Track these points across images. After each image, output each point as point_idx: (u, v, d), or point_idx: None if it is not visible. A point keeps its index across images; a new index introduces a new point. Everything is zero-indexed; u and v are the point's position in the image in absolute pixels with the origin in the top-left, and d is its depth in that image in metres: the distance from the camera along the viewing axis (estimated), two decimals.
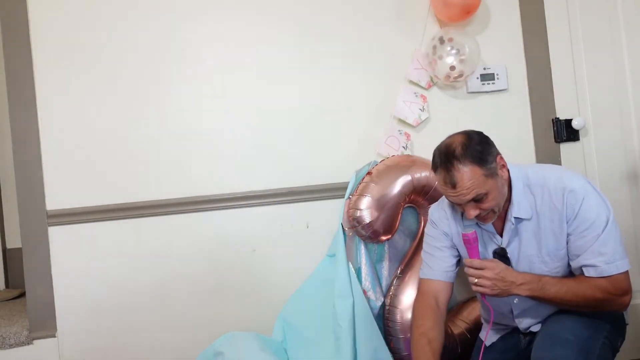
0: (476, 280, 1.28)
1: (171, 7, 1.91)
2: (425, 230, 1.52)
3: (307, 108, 1.97)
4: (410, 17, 2.01)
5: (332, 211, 1.92)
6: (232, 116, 1.94)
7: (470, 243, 1.29)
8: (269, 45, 1.95)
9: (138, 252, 1.88)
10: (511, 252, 1.36)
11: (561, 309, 1.34)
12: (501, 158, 1.31)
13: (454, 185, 1.25)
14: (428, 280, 1.44)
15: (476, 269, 1.28)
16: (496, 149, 1.31)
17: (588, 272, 1.26)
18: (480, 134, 1.32)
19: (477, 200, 1.26)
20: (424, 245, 1.50)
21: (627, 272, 1.27)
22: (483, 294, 1.30)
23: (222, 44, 1.94)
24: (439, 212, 1.47)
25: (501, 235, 1.37)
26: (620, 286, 1.25)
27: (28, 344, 1.81)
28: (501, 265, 1.29)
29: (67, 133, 1.86)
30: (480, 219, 1.31)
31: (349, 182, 1.87)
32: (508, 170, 1.33)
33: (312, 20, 1.97)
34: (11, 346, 1.80)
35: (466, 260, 1.31)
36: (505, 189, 1.31)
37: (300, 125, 1.96)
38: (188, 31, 1.92)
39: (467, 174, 1.24)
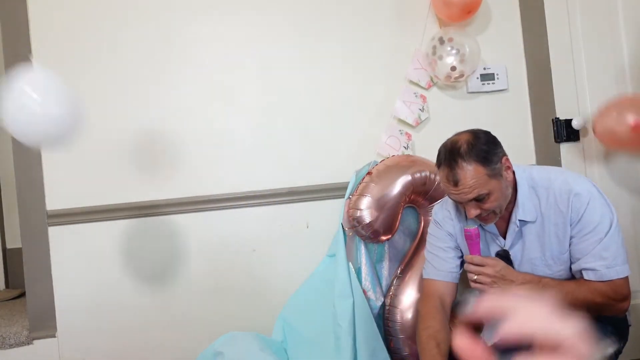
0: (475, 277, 1.28)
1: (171, 7, 1.91)
2: (429, 230, 1.51)
3: (307, 108, 1.97)
4: (410, 17, 2.01)
5: (332, 211, 1.92)
6: (232, 116, 1.94)
7: (472, 239, 1.29)
8: (269, 45, 1.95)
9: (138, 252, 1.88)
10: (514, 255, 1.35)
11: None
12: (507, 159, 1.30)
13: (456, 183, 1.24)
14: (433, 281, 1.43)
15: (476, 265, 1.28)
16: (502, 149, 1.30)
17: (588, 275, 1.26)
18: (487, 133, 1.31)
19: (479, 200, 1.25)
20: (428, 245, 1.49)
21: (627, 278, 1.26)
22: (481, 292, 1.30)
23: (222, 44, 1.94)
24: (443, 212, 1.46)
25: (504, 237, 1.36)
26: (620, 291, 1.25)
27: (28, 344, 1.81)
28: (502, 263, 1.29)
29: None
30: (481, 219, 1.31)
31: (349, 182, 1.87)
32: (514, 173, 1.33)
33: (312, 21, 1.97)
34: (11, 346, 1.80)
35: (467, 256, 1.31)
36: (509, 190, 1.30)
37: (301, 125, 1.96)
38: (188, 31, 1.92)
39: (470, 172, 1.23)
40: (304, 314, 1.80)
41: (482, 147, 1.25)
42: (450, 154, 1.26)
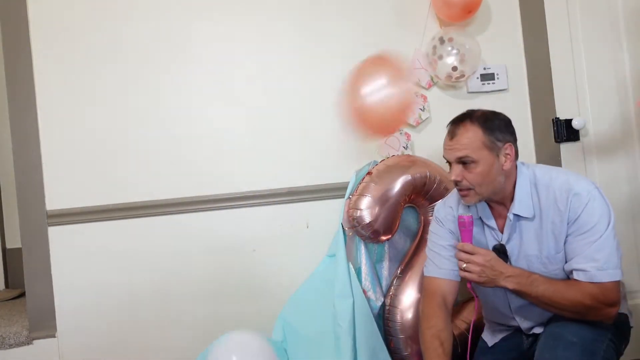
0: (464, 265, 1.28)
1: (172, 7, 1.91)
2: (430, 228, 1.51)
3: (307, 108, 1.96)
4: (410, 17, 2.01)
5: (332, 211, 1.91)
6: (232, 116, 1.94)
7: (465, 226, 1.30)
8: (269, 45, 1.95)
9: (138, 252, 1.88)
10: (511, 250, 1.35)
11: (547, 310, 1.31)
12: (512, 148, 1.31)
13: (452, 137, 1.31)
14: (435, 279, 1.43)
15: (467, 253, 1.28)
16: (513, 139, 1.33)
17: (578, 275, 1.25)
18: (508, 119, 1.35)
19: (465, 163, 1.29)
20: (429, 243, 1.49)
21: (617, 283, 1.25)
22: (470, 281, 1.30)
23: (222, 44, 1.94)
24: (445, 210, 1.46)
25: (502, 232, 1.37)
26: (609, 295, 1.23)
27: (28, 344, 1.82)
28: (492, 254, 1.29)
29: (67, 133, 1.86)
30: (461, 192, 1.33)
31: (349, 182, 1.87)
32: (516, 168, 1.34)
33: (312, 21, 1.97)
34: (11, 346, 1.80)
35: (458, 244, 1.31)
36: (501, 179, 1.31)
37: (301, 125, 1.96)
38: (188, 32, 1.92)
39: (469, 132, 1.29)
40: (304, 314, 1.80)
41: (494, 120, 1.31)
42: (462, 115, 1.34)
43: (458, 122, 1.33)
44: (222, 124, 1.93)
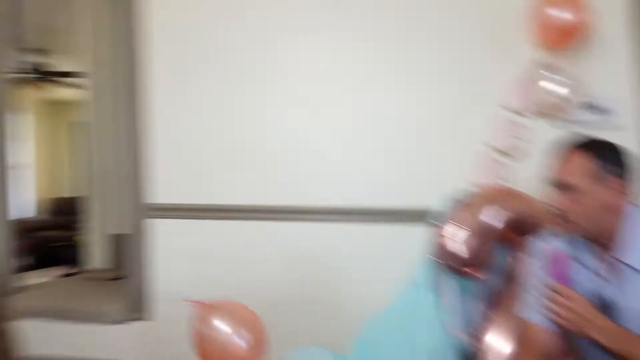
0: (554, 306, 1.18)
1: (270, 20, 2.03)
2: (528, 266, 1.41)
3: (401, 129, 1.96)
4: (507, 41, 1.90)
5: (420, 237, 1.83)
6: (328, 135, 1.99)
7: (558, 262, 1.22)
8: (361, 66, 1.98)
9: (227, 253, 1.98)
10: (611, 300, 1.23)
11: None
12: (622, 186, 1.20)
13: (558, 160, 1.25)
14: (533, 325, 1.31)
15: (557, 293, 1.18)
16: (627, 176, 1.21)
17: None
18: (624, 151, 1.24)
19: (567, 190, 1.21)
20: (526, 283, 1.39)
21: None
22: (557, 325, 1.20)
23: (318, 56, 2.01)
24: (544, 247, 1.36)
25: (602, 277, 1.24)
26: None
27: (126, 322, 1.99)
28: (585, 299, 1.18)
29: (172, 133, 2.06)
30: (559, 222, 1.25)
31: (439, 209, 1.81)
32: (627, 208, 1.21)
33: (405, 44, 1.96)
34: (111, 323, 1.97)
35: (549, 282, 1.21)
36: (604, 214, 1.20)
37: (392, 145, 1.96)
38: (285, 42, 2.02)
39: (579, 160, 1.21)
40: (383, 341, 1.74)
41: (612, 153, 1.22)
42: (581, 141, 1.25)
43: (573, 149, 1.24)
44: (318, 139, 1.99)
